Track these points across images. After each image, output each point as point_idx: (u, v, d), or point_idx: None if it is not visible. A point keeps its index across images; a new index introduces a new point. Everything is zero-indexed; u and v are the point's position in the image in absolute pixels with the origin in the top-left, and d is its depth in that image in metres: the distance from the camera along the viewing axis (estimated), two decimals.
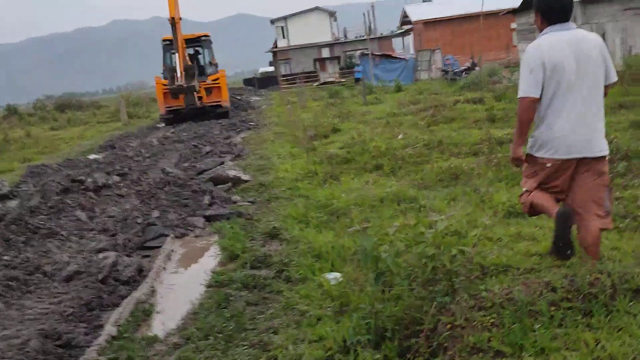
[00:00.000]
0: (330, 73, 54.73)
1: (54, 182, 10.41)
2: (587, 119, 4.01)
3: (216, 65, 26.34)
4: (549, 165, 4.11)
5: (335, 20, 69.56)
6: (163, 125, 25.91)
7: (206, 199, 7.95)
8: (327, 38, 64.53)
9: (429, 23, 49.38)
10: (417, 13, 51.56)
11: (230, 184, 9.19)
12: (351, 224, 6.36)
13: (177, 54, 21.72)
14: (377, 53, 42.53)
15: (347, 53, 62.36)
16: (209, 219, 7.44)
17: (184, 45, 23.29)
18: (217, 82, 24.41)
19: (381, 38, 64.32)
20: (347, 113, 18.69)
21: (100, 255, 5.99)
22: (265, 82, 63.65)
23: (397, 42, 68.98)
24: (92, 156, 17.11)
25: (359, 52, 50.96)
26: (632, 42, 23.33)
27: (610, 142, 7.94)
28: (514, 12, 31.28)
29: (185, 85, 21.46)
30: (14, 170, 15.29)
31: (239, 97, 35.56)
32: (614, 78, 4.14)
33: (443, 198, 6.97)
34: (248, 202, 8.19)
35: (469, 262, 3.97)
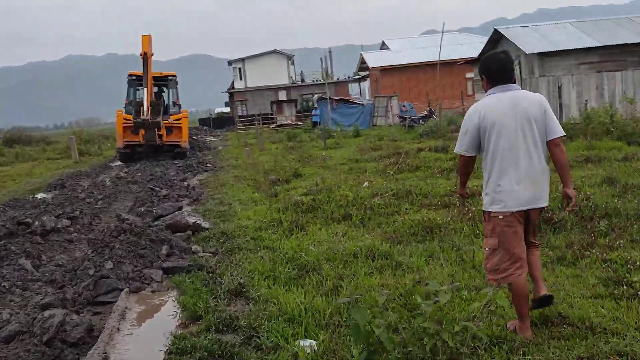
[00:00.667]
0: (287, 116, 54.72)
1: None
2: (531, 173, 4.26)
3: (179, 105, 26.09)
4: (501, 217, 4.31)
5: (293, 63, 69.90)
6: (117, 163, 25.33)
7: (164, 249, 7.37)
8: (285, 81, 64.75)
9: (386, 70, 49.88)
10: (375, 60, 52.04)
11: (189, 232, 8.63)
12: (324, 281, 5.92)
13: (145, 89, 21.64)
14: (335, 97, 42.59)
15: (304, 96, 62.58)
16: (167, 271, 6.88)
17: (152, 81, 23.15)
18: (179, 122, 24.35)
19: (338, 82, 64.81)
20: (307, 157, 18.37)
21: (46, 313, 5.37)
22: (220, 122, 63.44)
23: (353, 87, 69.69)
24: (40, 195, 16.30)
25: (316, 95, 51.06)
26: (587, 96, 23.75)
27: (586, 199, 7.80)
28: (471, 62, 31.72)
29: (150, 120, 21.36)
30: None
31: (195, 137, 35.04)
32: (558, 133, 4.35)
33: (420, 254, 6.58)
34: (209, 253, 7.65)
35: (471, 338, 3.55)
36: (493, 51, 4.58)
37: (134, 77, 24.42)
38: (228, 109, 76.65)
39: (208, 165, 20.46)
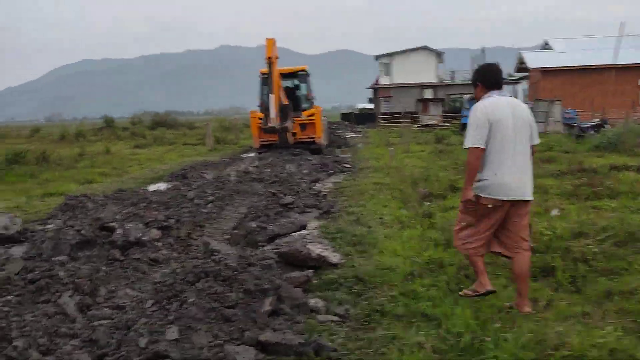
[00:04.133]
0: (433, 115, 51.22)
1: (73, 229, 7.60)
2: (522, 168, 4.89)
3: (312, 100, 24.25)
4: (490, 205, 4.87)
5: (442, 62, 66.42)
6: (249, 155, 23.82)
7: (267, 304, 4.74)
8: (432, 79, 61.41)
9: (548, 72, 45.12)
10: (535, 60, 47.36)
11: (309, 273, 5.88)
12: None
13: (272, 95, 20.36)
14: None
15: (451, 96, 58.94)
16: (265, 348, 4.23)
17: (280, 85, 21.76)
18: (312, 118, 22.68)
19: None
20: (463, 165, 15.22)
21: None
22: (362, 118, 61.16)
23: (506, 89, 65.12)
24: (154, 187, 14.48)
25: (467, 95, 47.33)
26: None
27: None
28: None
29: (278, 127, 20.48)
30: (65, 194, 12.78)
31: (334, 133, 32.89)
32: (537, 140, 5.07)
33: None
34: (335, 316, 4.91)
35: None
36: (487, 63, 5.43)
37: (265, 76, 22.79)
38: (371, 105, 74.51)
39: (346, 165, 17.87)
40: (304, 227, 8.18)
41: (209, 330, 4.18)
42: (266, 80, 22.56)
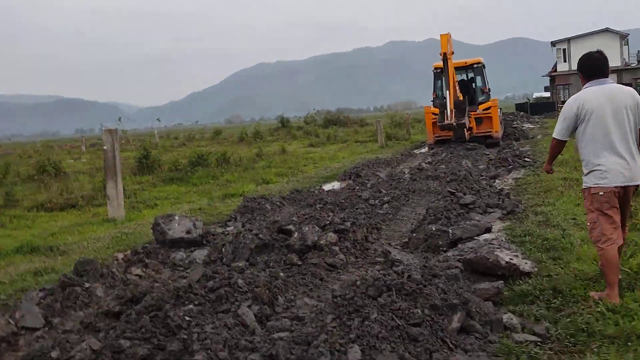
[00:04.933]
0: None
1: (251, 233, 7.63)
2: (626, 153, 4.83)
3: (488, 92, 23.31)
4: (601, 193, 4.87)
5: (627, 44, 61.39)
6: (421, 150, 23.47)
7: (455, 321, 4.30)
8: (616, 63, 56.94)
9: None
10: None
11: (499, 284, 5.31)
12: None
13: (447, 92, 19.95)
14: None
15: (639, 80, 54.36)
16: None
17: (455, 80, 21.29)
18: (488, 111, 22.00)
19: None
20: None
21: None
22: (538, 108, 58.10)
23: None
24: (328, 186, 14.51)
25: None
26: None
27: None
28: None
29: (455, 124, 19.99)
30: (244, 195, 13.15)
31: (511, 125, 31.44)
32: None
33: None
34: (534, 335, 4.35)
35: None
36: (588, 52, 5.13)
37: (439, 70, 22.29)
38: (547, 94, 70.82)
39: (526, 159, 16.77)
40: (488, 230, 7.56)
41: (394, 351, 3.82)
42: (440, 74, 22.08)
